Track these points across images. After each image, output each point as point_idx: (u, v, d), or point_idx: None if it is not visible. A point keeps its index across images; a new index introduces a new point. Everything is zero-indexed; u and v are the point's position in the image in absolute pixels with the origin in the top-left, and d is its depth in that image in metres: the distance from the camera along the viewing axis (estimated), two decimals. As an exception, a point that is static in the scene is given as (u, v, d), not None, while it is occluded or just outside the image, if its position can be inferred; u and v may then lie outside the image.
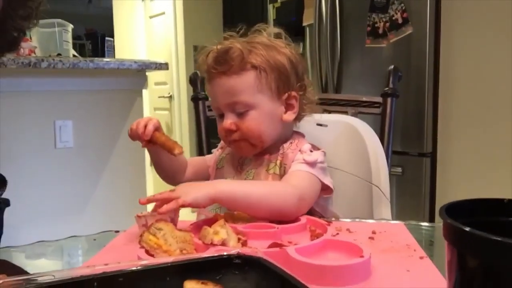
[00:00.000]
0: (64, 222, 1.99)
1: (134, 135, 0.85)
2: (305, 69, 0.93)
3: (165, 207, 0.68)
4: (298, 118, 0.92)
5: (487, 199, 0.38)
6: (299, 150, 0.86)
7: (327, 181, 0.85)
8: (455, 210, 0.36)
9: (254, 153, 0.89)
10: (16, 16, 0.75)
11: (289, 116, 0.89)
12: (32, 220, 1.91)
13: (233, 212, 0.77)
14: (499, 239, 0.30)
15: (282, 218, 0.75)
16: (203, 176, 0.98)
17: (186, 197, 0.69)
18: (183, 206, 0.70)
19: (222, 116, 0.88)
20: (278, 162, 0.88)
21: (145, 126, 0.83)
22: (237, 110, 0.85)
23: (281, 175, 0.86)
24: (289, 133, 0.93)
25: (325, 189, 0.86)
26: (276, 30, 0.92)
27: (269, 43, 0.88)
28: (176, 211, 0.72)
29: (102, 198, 2.13)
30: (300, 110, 0.90)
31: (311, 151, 0.86)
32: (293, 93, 0.88)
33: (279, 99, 0.87)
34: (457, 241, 0.34)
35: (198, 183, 0.87)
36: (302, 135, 0.95)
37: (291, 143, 0.89)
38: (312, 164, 0.83)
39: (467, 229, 0.31)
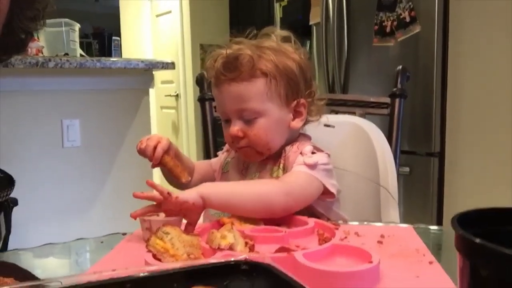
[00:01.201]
0: (71, 221, 2.00)
1: (142, 155, 0.85)
2: (313, 74, 0.92)
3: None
4: (306, 123, 0.92)
5: (500, 208, 0.38)
6: (300, 153, 0.85)
7: (330, 184, 0.83)
8: (468, 220, 0.36)
9: (260, 159, 0.89)
10: (23, 17, 0.76)
11: (297, 123, 0.88)
12: (40, 219, 1.92)
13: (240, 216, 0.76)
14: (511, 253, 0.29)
15: (269, 214, 0.75)
16: (209, 181, 0.98)
17: (179, 195, 0.70)
18: (176, 201, 0.70)
19: (228, 121, 0.87)
20: (281, 165, 0.87)
21: (155, 148, 0.83)
22: (245, 117, 0.85)
23: None
24: (295, 137, 0.92)
25: (328, 193, 0.84)
26: (285, 33, 0.90)
27: (278, 48, 0.86)
28: (179, 214, 0.72)
29: (109, 197, 2.14)
30: (307, 116, 0.90)
31: (313, 153, 0.85)
32: (302, 101, 0.87)
33: (287, 106, 0.86)
34: (469, 252, 0.33)
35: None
36: (308, 137, 0.94)
37: (292, 145, 0.88)
38: (312, 166, 0.82)
39: (478, 241, 0.31)
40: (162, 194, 0.70)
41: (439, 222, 2.11)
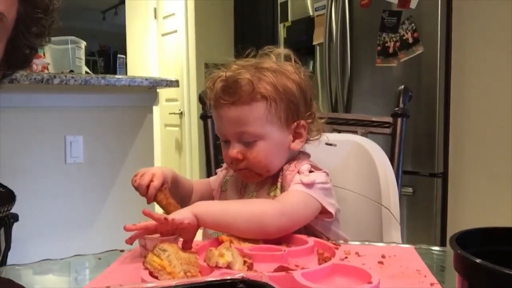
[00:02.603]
0: (73, 237, 1.99)
1: (136, 189, 0.84)
2: (313, 94, 0.92)
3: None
4: (305, 142, 0.91)
5: (499, 228, 0.37)
6: (298, 171, 0.84)
7: (327, 203, 0.82)
8: (467, 239, 0.35)
9: (259, 180, 0.88)
10: (28, 33, 0.76)
11: (297, 144, 0.88)
12: (40, 235, 1.91)
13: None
14: (511, 273, 0.29)
15: (263, 235, 0.73)
16: (208, 200, 0.97)
17: (175, 216, 0.69)
18: (173, 223, 0.68)
19: (227, 142, 0.86)
20: (278, 184, 0.86)
21: (148, 186, 0.82)
22: (244, 139, 0.83)
23: None
24: (295, 156, 0.91)
25: (326, 213, 0.82)
26: (285, 51, 0.90)
27: (278, 68, 0.85)
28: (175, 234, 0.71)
29: (111, 214, 2.13)
30: (308, 136, 0.89)
31: (311, 171, 0.84)
32: (302, 122, 0.87)
33: (287, 128, 0.86)
34: (468, 272, 0.32)
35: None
36: (307, 155, 0.93)
37: (290, 164, 0.87)
38: (309, 185, 0.80)
39: (478, 261, 0.30)
40: (159, 221, 0.69)
41: (443, 243, 2.08)
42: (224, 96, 0.83)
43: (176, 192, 0.89)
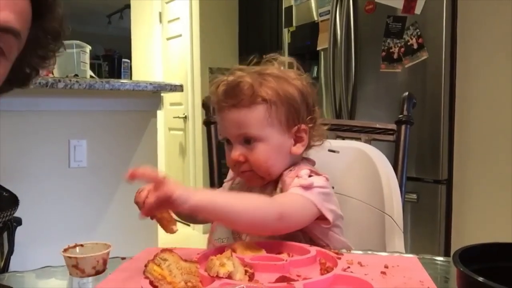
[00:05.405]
0: (76, 242, 1.99)
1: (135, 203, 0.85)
2: (316, 100, 0.92)
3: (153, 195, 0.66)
4: (308, 148, 0.91)
5: (503, 243, 0.36)
6: (297, 176, 0.84)
7: (325, 209, 0.81)
8: (470, 255, 0.34)
9: (263, 184, 0.88)
10: (34, 55, 0.77)
11: (298, 148, 0.88)
12: (43, 239, 1.91)
13: (242, 242, 0.75)
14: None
15: (261, 231, 0.75)
16: None
17: (175, 189, 0.66)
18: (169, 197, 0.65)
19: (230, 145, 0.88)
20: (278, 189, 0.87)
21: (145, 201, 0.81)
22: (245, 141, 0.85)
23: None
24: (298, 161, 0.91)
25: (324, 218, 0.82)
26: (289, 59, 0.92)
27: (280, 74, 0.87)
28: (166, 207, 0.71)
29: (114, 219, 2.13)
30: (309, 141, 0.89)
31: (310, 176, 0.84)
32: (303, 126, 0.87)
33: (288, 132, 0.87)
34: (471, 291, 0.32)
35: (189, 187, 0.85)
36: (311, 161, 0.93)
37: (291, 170, 0.87)
38: (307, 188, 0.80)
39: (481, 279, 0.29)
40: (155, 180, 0.67)
41: (447, 250, 2.07)
42: (226, 99, 0.85)
43: None
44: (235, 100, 0.84)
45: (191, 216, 0.90)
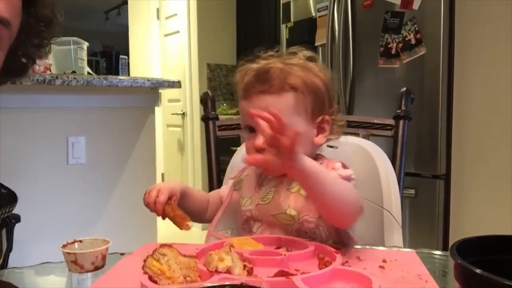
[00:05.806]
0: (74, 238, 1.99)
1: (147, 207, 0.86)
2: (335, 94, 0.93)
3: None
4: (326, 140, 0.92)
5: (501, 236, 0.36)
6: (332, 168, 0.84)
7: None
8: (467, 248, 0.35)
9: (279, 173, 0.87)
10: (29, 44, 0.77)
11: (320, 139, 0.89)
12: (42, 236, 1.91)
13: (241, 237, 0.75)
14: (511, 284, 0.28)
15: (345, 219, 0.77)
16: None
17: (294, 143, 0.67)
18: (291, 150, 0.67)
19: (252, 132, 0.87)
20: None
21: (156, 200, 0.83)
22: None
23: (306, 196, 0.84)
24: (313, 156, 0.91)
25: None
26: (310, 53, 0.92)
27: (305, 65, 0.88)
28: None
29: (113, 215, 2.13)
30: (330, 133, 0.90)
31: (344, 167, 0.85)
32: (326, 117, 0.89)
33: (312, 122, 0.88)
34: (468, 283, 0.32)
35: None
36: (324, 157, 0.93)
37: (321, 163, 0.86)
38: (347, 179, 0.82)
39: (478, 271, 0.30)
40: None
41: (445, 244, 2.08)
42: (255, 85, 0.86)
43: (188, 205, 0.90)
44: (265, 86, 0.84)
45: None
